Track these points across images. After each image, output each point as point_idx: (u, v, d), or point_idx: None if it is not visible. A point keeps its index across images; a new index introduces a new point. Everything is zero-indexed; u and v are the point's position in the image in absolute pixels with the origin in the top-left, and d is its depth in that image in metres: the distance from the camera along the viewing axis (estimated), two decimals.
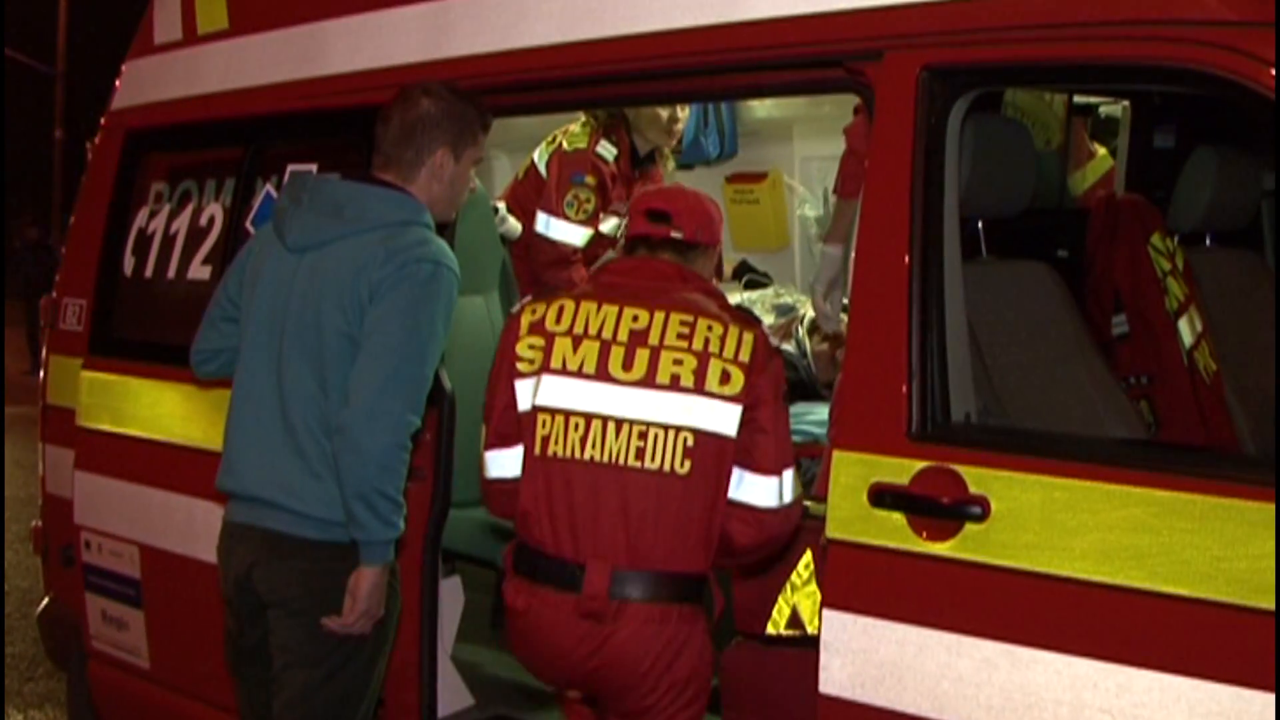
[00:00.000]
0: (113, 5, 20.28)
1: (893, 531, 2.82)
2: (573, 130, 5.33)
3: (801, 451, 3.89)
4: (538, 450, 3.03)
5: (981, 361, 3.24)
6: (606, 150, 5.25)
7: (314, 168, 4.13)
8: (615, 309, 3.07)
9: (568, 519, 3.00)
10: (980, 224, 3.54)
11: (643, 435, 2.97)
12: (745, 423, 2.97)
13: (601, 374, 3.01)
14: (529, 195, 5.38)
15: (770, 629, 3.33)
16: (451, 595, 4.08)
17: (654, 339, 3.02)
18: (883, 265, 2.92)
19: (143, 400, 4.57)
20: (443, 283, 3.15)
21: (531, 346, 3.08)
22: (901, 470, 2.82)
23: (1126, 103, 4.74)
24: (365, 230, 3.17)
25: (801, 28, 3.10)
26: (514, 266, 5.22)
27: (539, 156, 5.42)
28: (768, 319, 5.12)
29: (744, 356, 3.00)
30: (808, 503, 3.52)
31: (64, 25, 25.60)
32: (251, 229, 4.28)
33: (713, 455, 2.97)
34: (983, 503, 2.70)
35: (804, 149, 5.82)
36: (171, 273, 4.60)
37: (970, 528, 2.72)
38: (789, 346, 4.93)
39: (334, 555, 3.17)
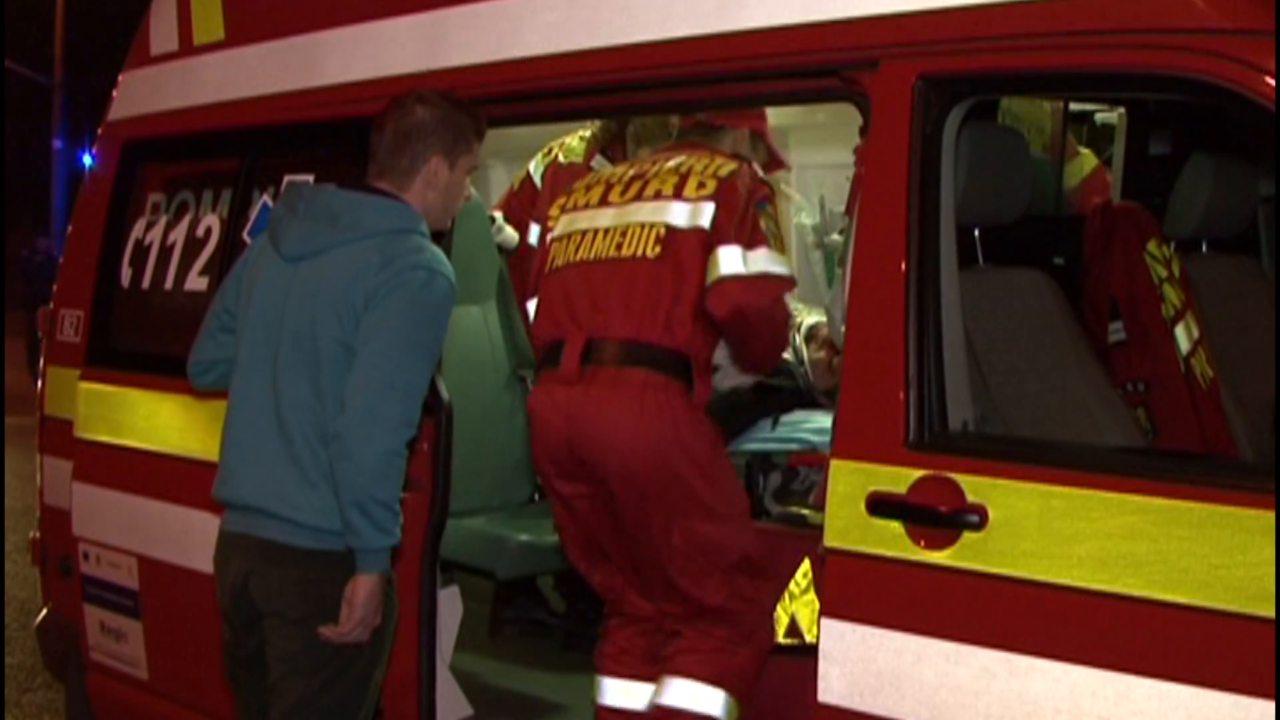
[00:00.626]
0: (110, 16, 20.29)
1: (890, 540, 2.82)
2: (569, 144, 5.31)
3: (799, 459, 3.90)
4: (546, 270, 3.50)
5: (979, 369, 3.24)
6: (602, 165, 5.23)
7: (310, 178, 4.12)
8: (629, 167, 3.57)
9: (558, 310, 3.40)
10: (977, 232, 3.54)
11: (623, 234, 3.38)
12: (716, 219, 3.29)
13: (601, 202, 3.50)
14: (523, 206, 5.37)
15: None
16: (450, 605, 4.08)
17: (651, 174, 3.48)
18: (880, 274, 2.92)
19: (140, 411, 4.57)
20: (438, 291, 3.15)
21: (558, 206, 3.60)
22: (899, 479, 2.82)
23: (1122, 110, 4.75)
24: (360, 239, 3.17)
25: (797, 37, 3.10)
26: (511, 276, 5.22)
27: (534, 168, 5.40)
28: None
29: (723, 172, 3.37)
30: (805, 511, 3.54)
31: (61, 36, 25.62)
32: (249, 239, 4.28)
33: (683, 244, 3.30)
34: (980, 511, 2.70)
35: (801, 157, 5.82)
36: (169, 283, 4.60)
37: (968, 536, 2.72)
38: (786, 354, 4.93)
39: (329, 564, 3.15)
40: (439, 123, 3.27)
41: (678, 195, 3.37)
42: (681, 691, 3.33)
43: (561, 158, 5.29)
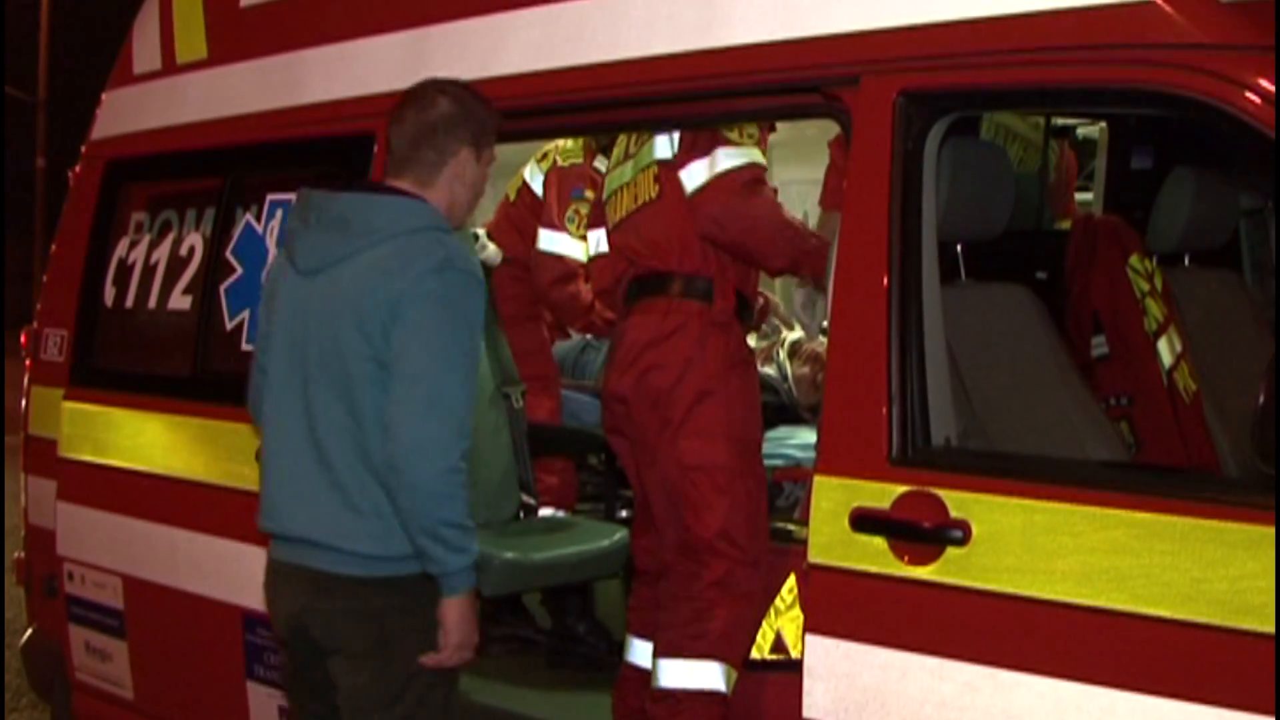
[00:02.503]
0: (94, 34, 20.26)
1: (874, 556, 2.82)
2: (566, 146, 5.28)
3: (783, 475, 3.90)
4: (607, 231, 3.87)
5: (961, 385, 3.24)
6: (604, 165, 5.21)
7: (293, 196, 4.12)
8: None
9: (619, 265, 3.75)
10: (959, 247, 3.54)
11: (635, 184, 3.69)
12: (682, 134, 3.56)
13: (625, 156, 3.80)
14: (524, 215, 5.34)
15: (754, 654, 3.34)
16: None
17: None
18: (862, 289, 2.93)
19: (124, 430, 4.56)
20: (465, 289, 2.96)
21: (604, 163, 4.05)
22: (882, 495, 2.82)
23: (1104, 124, 4.76)
24: (376, 244, 2.96)
25: (778, 54, 3.11)
26: (496, 294, 5.19)
27: (530, 175, 5.38)
28: (749, 342, 5.12)
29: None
30: (790, 526, 3.54)
31: (45, 54, 25.58)
32: (231, 258, 4.28)
33: (670, 175, 3.57)
34: (964, 526, 2.71)
35: (784, 173, 5.83)
36: (152, 303, 4.59)
37: (952, 551, 2.72)
38: (770, 370, 4.94)
39: (383, 590, 2.99)
40: (465, 113, 3.08)
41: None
42: (677, 671, 3.34)
43: (560, 160, 5.27)
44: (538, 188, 5.34)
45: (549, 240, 5.19)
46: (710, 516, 3.35)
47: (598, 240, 3.98)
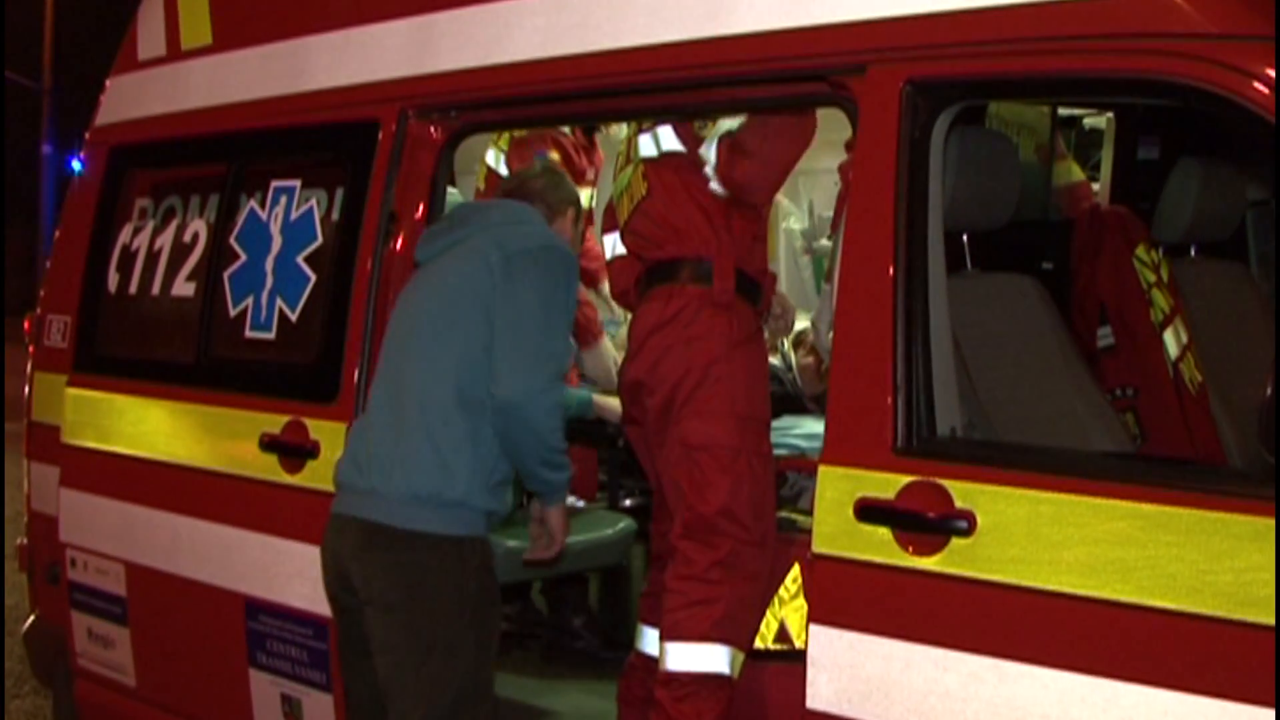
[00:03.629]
0: (99, 21, 20.24)
1: (879, 546, 2.82)
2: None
3: (788, 465, 3.89)
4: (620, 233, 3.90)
5: (967, 375, 3.24)
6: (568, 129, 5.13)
7: (297, 184, 4.12)
8: None
9: (631, 264, 3.83)
10: (965, 237, 3.53)
11: (632, 186, 3.75)
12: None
13: (626, 159, 3.85)
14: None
15: (758, 643, 3.34)
16: None
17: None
18: (867, 279, 2.92)
19: (127, 417, 4.56)
20: (564, 260, 3.41)
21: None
22: (887, 485, 2.82)
23: (1111, 114, 4.75)
24: (487, 228, 3.43)
25: (785, 42, 3.10)
26: None
27: (494, 159, 5.27)
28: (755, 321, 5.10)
29: None
30: (795, 516, 3.54)
31: (50, 41, 25.57)
32: (235, 245, 4.27)
33: (660, 171, 3.64)
34: (969, 517, 2.70)
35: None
36: (156, 289, 4.58)
37: (956, 542, 2.71)
38: (774, 360, 4.93)
39: (428, 547, 3.25)
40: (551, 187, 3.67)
41: (641, 130, 3.76)
42: (681, 654, 3.33)
43: (516, 132, 5.16)
44: (502, 169, 5.26)
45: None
46: (712, 494, 3.35)
47: (614, 244, 3.95)
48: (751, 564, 3.33)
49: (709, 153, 3.57)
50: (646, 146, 3.71)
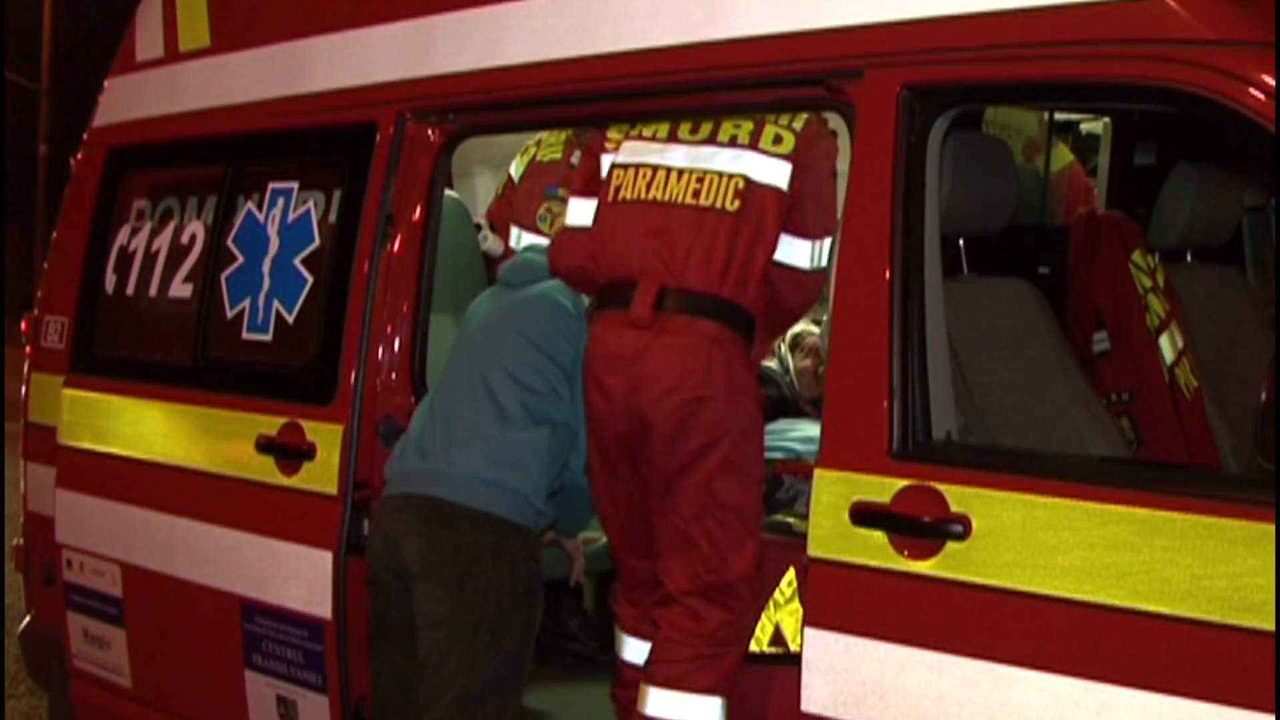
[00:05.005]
0: (97, 22, 20.24)
1: (874, 550, 2.82)
2: (547, 140, 5.19)
3: (784, 468, 3.89)
4: (609, 199, 3.44)
5: (963, 379, 3.23)
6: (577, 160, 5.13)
7: (295, 186, 4.12)
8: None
9: (627, 249, 3.35)
10: (961, 241, 3.53)
11: (700, 180, 3.32)
12: (793, 187, 3.27)
13: (671, 138, 3.42)
14: (506, 212, 5.31)
15: (754, 647, 3.33)
16: None
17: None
18: (864, 283, 2.92)
19: (124, 418, 4.55)
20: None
21: (619, 130, 3.54)
22: (883, 489, 2.81)
23: (1107, 120, 4.75)
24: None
25: (782, 46, 3.10)
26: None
27: (515, 169, 5.31)
28: None
29: (797, 125, 3.33)
30: (790, 519, 3.53)
31: (48, 42, 25.55)
32: (233, 247, 4.27)
33: (760, 201, 3.27)
34: (964, 521, 2.70)
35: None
36: (153, 290, 4.57)
37: (951, 546, 2.71)
38: (771, 363, 4.93)
39: (487, 527, 3.38)
40: None
41: (754, 145, 3.32)
42: (678, 704, 3.27)
43: (540, 156, 5.17)
44: (519, 182, 5.26)
45: (516, 238, 5.06)
46: (738, 560, 3.23)
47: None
48: (753, 621, 3.30)
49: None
50: (758, 168, 3.30)
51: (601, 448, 3.41)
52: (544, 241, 5.01)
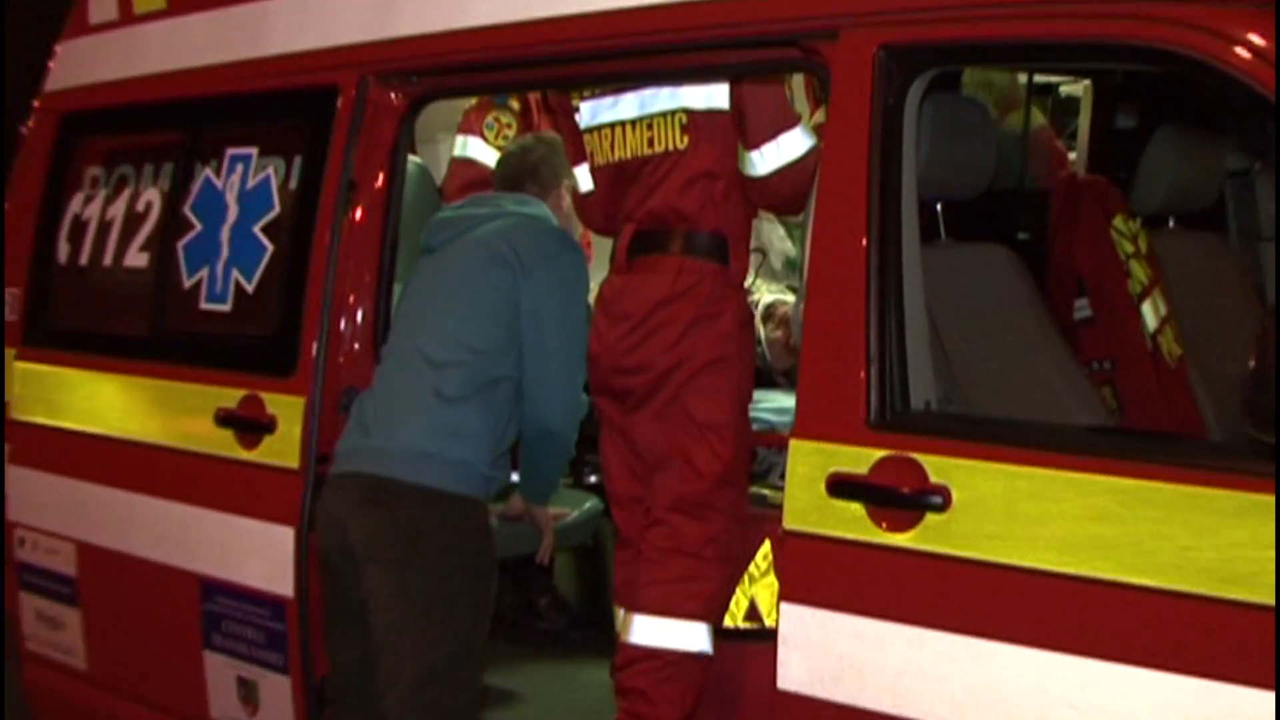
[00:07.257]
0: None
1: (851, 522, 2.77)
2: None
3: (757, 439, 3.84)
4: (590, 166, 3.62)
5: (941, 347, 3.20)
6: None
7: (254, 151, 4.04)
8: None
9: (616, 207, 3.56)
10: (939, 206, 3.49)
11: (650, 126, 3.43)
12: (734, 102, 3.32)
13: (615, 90, 3.51)
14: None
15: (728, 622, 3.28)
16: None
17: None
18: (839, 249, 2.87)
19: (79, 392, 4.48)
20: (579, 262, 3.56)
21: (577, 95, 3.67)
22: (860, 459, 2.77)
23: (1088, 82, 4.72)
24: (501, 218, 3.58)
25: (755, 6, 3.04)
26: None
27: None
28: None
29: None
30: (765, 491, 3.48)
31: None
32: (190, 214, 4.19)
33: (707, 129, 3.35)
34: (944, 492, 2.65)
35: None
36: (108, 260, 4.49)
37: (931, 518, 2.67)
38: None
39: (430, 503, 3.31)
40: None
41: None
42: (664, 631, 3.26)
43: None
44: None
45: (461, 145, 4.95)
46: (711, 470, 3.27)
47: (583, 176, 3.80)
48: (737, 543, 3.28)
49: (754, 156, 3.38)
50: (692, 96, 3.39)
51: (598, 392, 3.54)
52: (480, 157, 4.94)
